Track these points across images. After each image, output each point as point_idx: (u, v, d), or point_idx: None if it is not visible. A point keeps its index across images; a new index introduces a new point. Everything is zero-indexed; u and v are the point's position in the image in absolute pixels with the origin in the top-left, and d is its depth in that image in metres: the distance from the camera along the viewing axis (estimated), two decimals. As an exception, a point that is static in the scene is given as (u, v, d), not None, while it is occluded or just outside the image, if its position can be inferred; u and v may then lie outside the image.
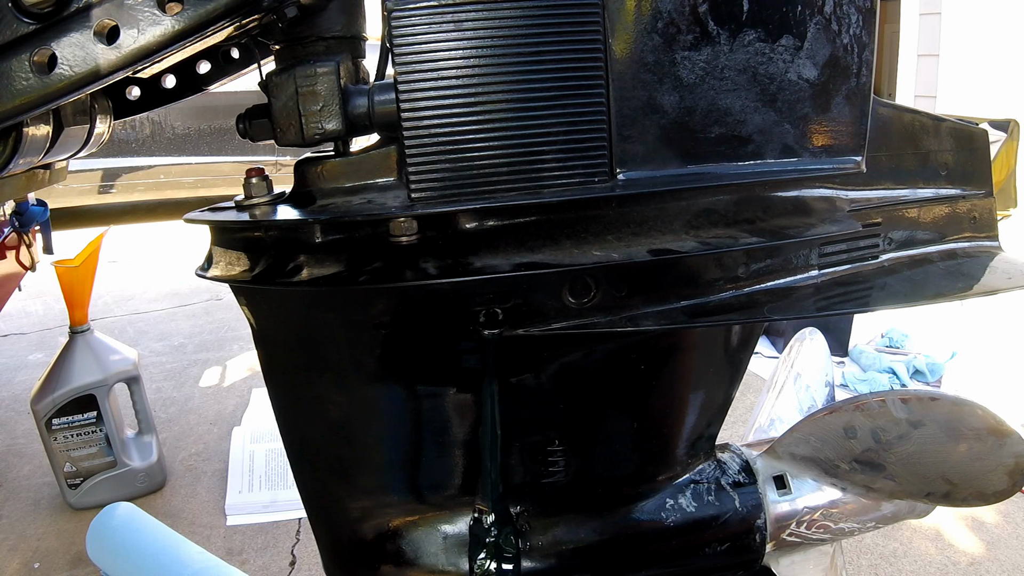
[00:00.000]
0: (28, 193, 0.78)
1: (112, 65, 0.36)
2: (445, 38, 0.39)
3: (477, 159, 0.42)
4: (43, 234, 2.00)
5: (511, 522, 0.63)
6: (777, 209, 0.52)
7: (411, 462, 0.63)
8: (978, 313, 2.80)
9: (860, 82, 0.49)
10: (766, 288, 0.54)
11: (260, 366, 0.61)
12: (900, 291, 0.63)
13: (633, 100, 0.43)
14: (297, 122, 0.44)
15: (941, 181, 0.71)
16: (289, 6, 0.40)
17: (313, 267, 0.48)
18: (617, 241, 0.47)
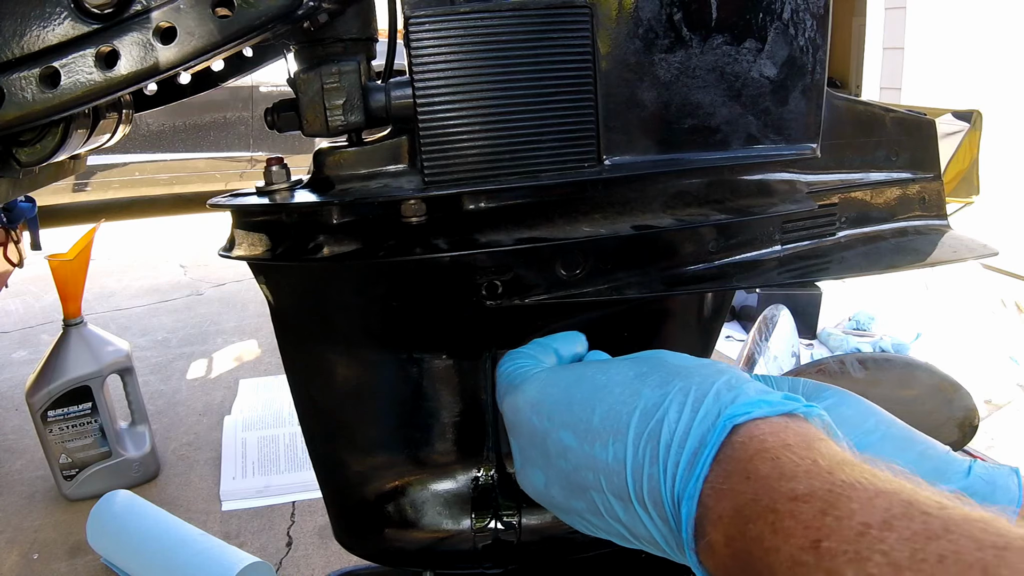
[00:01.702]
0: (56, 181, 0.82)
1: (169, 63, 0.41)
2: (456, 41, 0.45)
3: (483, 147, 0.48)
4: (31, 231, 2.02)
5: (511, 480, 0.68)
6: (743, 191, 0.58)
7: (417, 427, 0.69)
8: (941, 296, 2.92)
9: (815, 78, 0.56)
10: (735, 261, 0.61)
11: (277, 341, 0.67)
12: (856, 263, 0.70)
13: (617, 95, 0.49)
14: (322, 114, 0.50)
15: (892, 166, 0.79)
16: (322, 13, 0.45)
17: (332, 246, 0.54)
18: (604, 219, 0.53)
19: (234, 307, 3.31)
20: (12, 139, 0.59)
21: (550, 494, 0.45)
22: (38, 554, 1.59)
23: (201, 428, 2.14)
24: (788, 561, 0.28)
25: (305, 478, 1.79)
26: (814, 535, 0.28)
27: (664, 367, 0.42)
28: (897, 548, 0.25)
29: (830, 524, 0.28)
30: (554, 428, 0.43)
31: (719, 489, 0.33)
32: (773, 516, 0.30)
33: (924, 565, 0.24)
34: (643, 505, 0.37)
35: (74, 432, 1.71)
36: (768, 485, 0.31)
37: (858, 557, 0.26)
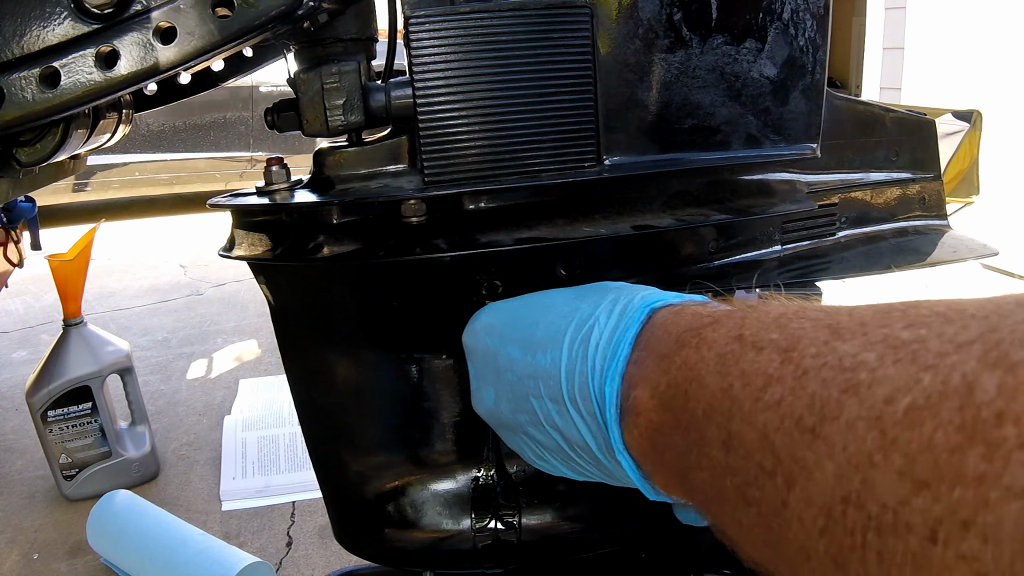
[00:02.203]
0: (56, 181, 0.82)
1: (169, 63, 0.41)
2: (456, 42, 0.45)
3: (483, 147, 0.48)
4: (31, 231, 2.02)
5: (511, 480, 0.69)
6: (743, 191, 0.58)
7: (417, 427, 0.69)
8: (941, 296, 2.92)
9: (815, 78, 0.56)
10: (735, 261, 0.61)
11: (277, 341, 0.67)
12: (856, 263, 0.71)
13: (618, 96, 0.49)
14: (322, 114, 0.50)
15: (892, 166, 0.79)
16: (322, 13, 0.45)
17: (333, 245, 0.54)
18: (604, 219, 0.53)
19: (234, 307, 3.31)
20: (12, 139, 0.59)
21: (499, 409, 0.48)
22: (38, 554, 1.59)
23: (201, 428, 2.14)
24: (715, 360, 0.29)
25: (305, 478, 1.79)
26: (736, 331, 0.29)
27: (600, 287, 0.45)
28: (813, 312, 0.27)
29: (751, 321, 0.29)
30: (503, 344, 0.46)
31: (640, 358, 0.35)
32: (697, 339, 0.31)
33: (839, 313, 0.26)
34: (575, 403, 0.39)
35: (74, 432, 1.72)
36: (688, 327, 0.33)
37: (780, 325, 0.27)
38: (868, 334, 0.23)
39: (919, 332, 0.22)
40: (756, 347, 0.27)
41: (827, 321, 0.26)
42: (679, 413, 0.31)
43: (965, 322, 0.21)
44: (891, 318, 0.24)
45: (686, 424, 0.30)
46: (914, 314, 0.23)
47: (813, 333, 0.25)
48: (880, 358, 0.22)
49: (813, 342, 0.25)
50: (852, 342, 0.23)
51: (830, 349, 0.24)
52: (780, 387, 0.24)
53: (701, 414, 0.29)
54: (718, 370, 0.28)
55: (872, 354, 0.22)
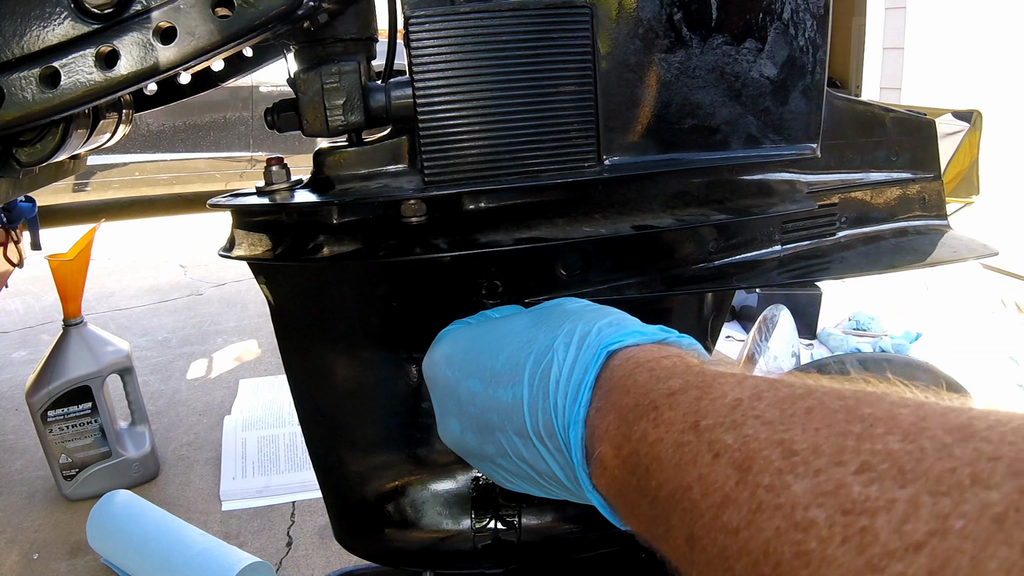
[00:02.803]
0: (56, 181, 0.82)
1: (169, 63, 0.41)
2: (456, 42, 0.45)
3: (483, 147, 0.48)
4: (31, 231, 2.02)
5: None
6: (743, 191, 0.58)
7: (417, 427, 0.69)
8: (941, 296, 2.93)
9: (815, 78, 0.56)
10: (735, 261, 0.61)
11: (277, 340, 0.67)
12: (856, 263, 0.70)
13: (618, 95, 0.49)
14: (322, 114, 0.50)
15: (892, 166, 0.79)
16: (322, 13, 0.45)
17: (333, 245, 0.54)
18: (604, 219, 0.53)
19: (234, 307, 3.31)
20: (12, 139, 0.59)
21: (465, 440, 0.47)
22: (38, 554, 1.59)
23: (201, 428, 2.14)
24: (672, 445, 0.30)
25: (305, 478, 1.79)
26: (693, 418, 0.30)
27: (558, 313, 0.44)
28: (768, 411, 0.27)
29: (706, 406, 0.30)
30: (464, 377, 0.46)
31: (601, 408, 0.35)
32: (654, 413, 0.32)
33: (794, 419, 0.26)
34: (540, 439, 0.39)
35: (74, 432, 1.71)
36: (647, 389, 0.33)
37: (734, 424, 0.28)
38: (820, 476, 0.23)
39: (872, 493, 0.22)
40: (712, 450, 0.28)
41: (779, 436, 0.26)
42: (643, 482, 0.31)
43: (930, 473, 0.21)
44: (845, 449, 0.24)
45: (651, 498, 0.31)
46: (872, 448, 0.23)
47: (767, 452, 0.26)
48: (830, 525, 0.22)
49: (767, 468, 0.25)
50: (804, 482, 0.24)
51: (784, 486, 0.24)
52: (737, 514, 0.25)
53: (664, 497, 0.30)
54: (676, 461, 0.29)
55: (822, 513, 0.22)
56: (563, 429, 0.37)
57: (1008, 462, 0.20)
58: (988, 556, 0.19)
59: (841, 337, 2.52)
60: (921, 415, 0.24)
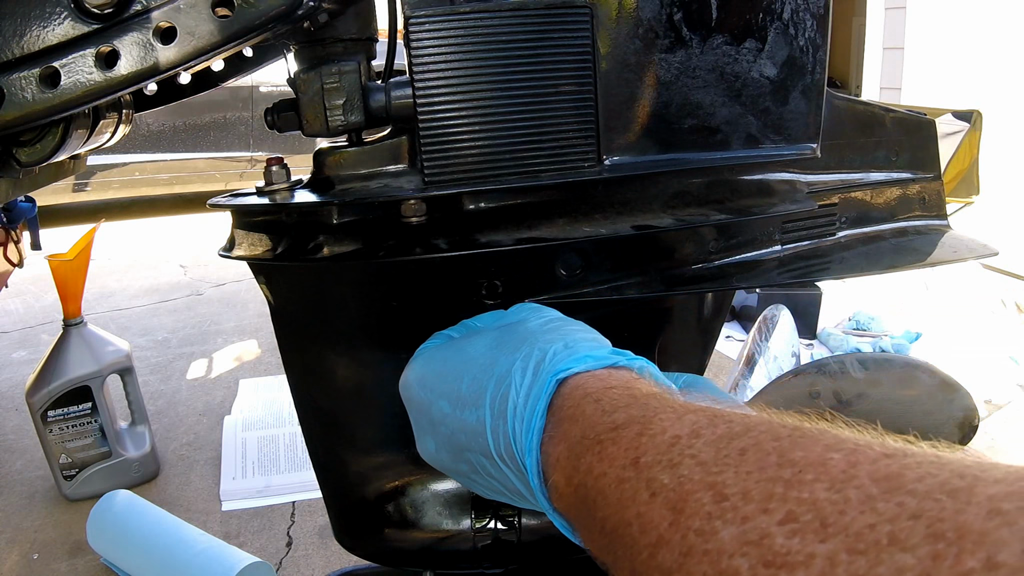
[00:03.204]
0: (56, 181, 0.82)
1: (169, 63, 0.41)
2: (456, 42, 0.45)
3: (483, 147, 0.48)
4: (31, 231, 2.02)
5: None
6: (743, 191, 0.58)
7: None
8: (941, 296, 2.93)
9: (815, 78, 0.56)
10: (735, 261, 0.61)
11: (277, 340, 0.67)
12: (856, 263, 0.70)
13: (618, 95, 0.49)
14: (322, 114, 0.50)
15: (892, 166, 0.79)
16: (322, 13, 0.45)
17: (332, 245, 0.54)
18: (604, 219, 0.53)
19: (234, 307, 3.31)
20: (12, 139, 0.59)
21: (440, 458, 0.49)
22: (38, 554, 1.59)
23: (201, 428, 2.14)
24: (614, 481, 0.31)
25: (305, 478, 1.79)
26: (633, 454, 0.31)
27: (518, 334, 0.46)
28: (704, 450, 0.28)
29: (645, 442, 0.31)
30: (435, 398, 0.48)
31: (553, 436, 0.37)
32: (599, 447, 0.33)
33: (728, 460, 0.27)
34: (503, 461, 0.41)
35: (74, 432, 1.71)
36: (593, 422, 0.34)
37: (671, 463, 0.29)
38: (747, 524, 0.24)
39: (794, 546, 0.22)
40: (649, 488, 0.29)
41: (712, 479, 0.27)
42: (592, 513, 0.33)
43: (851, 528, 0.21)
44: (773, 496, 0.24)
45: (599, 528, 0.32)
46: (798, 497, 0.24)
47: (699, 494, 0.26)
48: (751, 571, 0.23)
49: (698, 511, 0.26)
50: (731, 529, 0.24)
51: (711, 531, 0.25)
52: (670, 555, 0.26)
53: (610, 530, 0.31)
54: (618, 496, 0.30)
55: (745, 563, 0.23)
56: (520, 455, 0.39)
57: (927, 523, 0.20)
58: None
59: (841, 337, 2.52)
60: (852, 461, 0.24)
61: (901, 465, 0.23)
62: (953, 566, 0.19)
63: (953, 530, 0.20)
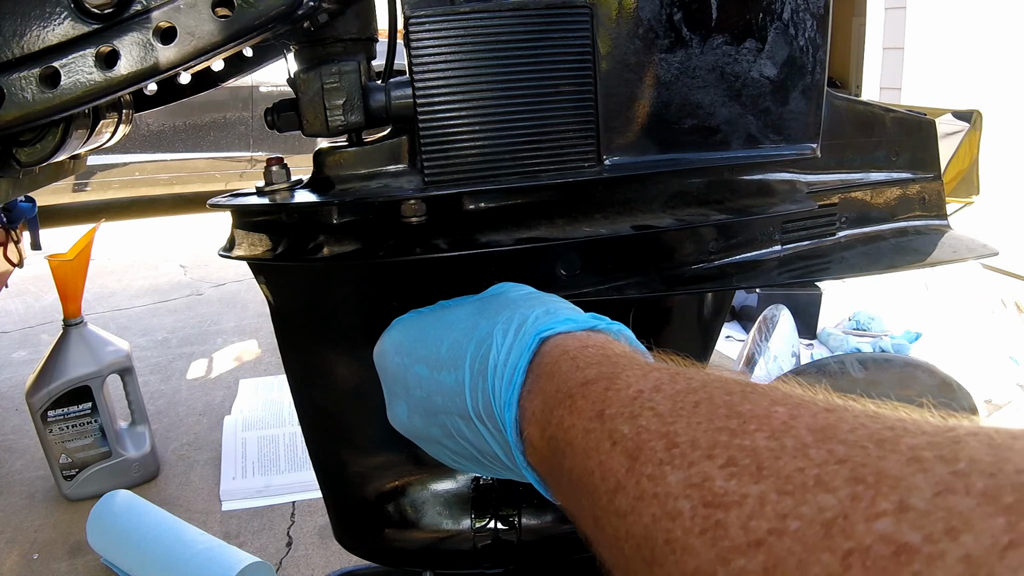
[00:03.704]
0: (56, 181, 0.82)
1: (169, 63, 0.41)
2: (456, 42, 0.45)
3: (483, 147, 0.48)
4: (31, 231, 2.02)
5: (511, 481, 0.69)
6: (743, 191, 0.58)
7: (417, 427, 0.69)
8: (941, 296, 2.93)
9: (815, 78, 0.56)
10: (735, 261, 0.61)
11: (277, 340, 0.67)
12: (856, 263, 0.70)
13: (618, 95, 0.49)
14: (322, 114, 0.50)
15: (892, 166, 0.79)
16: (322, 13, 0.45)
17: (333, 245, 0.54)
18: (604, 219, 0.53)
19: (234, 307, 3.31)
20: (12, 139, 0.59)
21: (413, 424, 0.50)
22: (38, 554, 1.59)
23: (201, 428, 2.14)
24: (581, 432, 0.33)
25: (305, 478, 1.79)
26: (599, 407, 0.32)
27: (499, 302, 0.47)
28: (662, 403, 0.30)
29: (611, 396, 0.33)
30: (412, 363, 0.48)
31: (531, 391, 0.38)
32: (570, 401, 0.34)
33: (682, 411, 0.29)
34: (481, 421, 0.42)
35: (74, 432, 1.71)
36: (567, 378, 0.36)
37: (632, 415, 0.30)
38: (692, 469, 0.26)
39: (731, 487, 0.24)
40: (611, 438, 0.30)
41: (666, 428, 0.28)
42: (560, 464, 0.34)
43: (783, 471, 0.23)
44: (718, 444, 0.26)
45: (567, 479, 0.34)
46: (740, 444, 0.25)
47: (654, 443, 0.28)
48: (693, 516, 0.24)
49: (651, 458, 0.28)
50: (679, 474, 0.26)
51: (661, 475, 0.27)
52: (625, 500, 0.28)
53: (576, 480, 0.32)
54: (584, 446, 0.32)
55: (688, 504, 0.25)
56: (500, 410, 0.40)
57: (851, 467, 0.21)
58: (812, 561, 0.20)
59: (841, 337, 2.52)
60: (794, 414, 0.25)
61: (838, 418, 0.24)
62: (868, 507, 0.20)
63: (873, 474, 0.21)
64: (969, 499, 0.19)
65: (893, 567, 0.18)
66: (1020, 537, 0.17)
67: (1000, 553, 0.17)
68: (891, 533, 0.19)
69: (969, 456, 0.20)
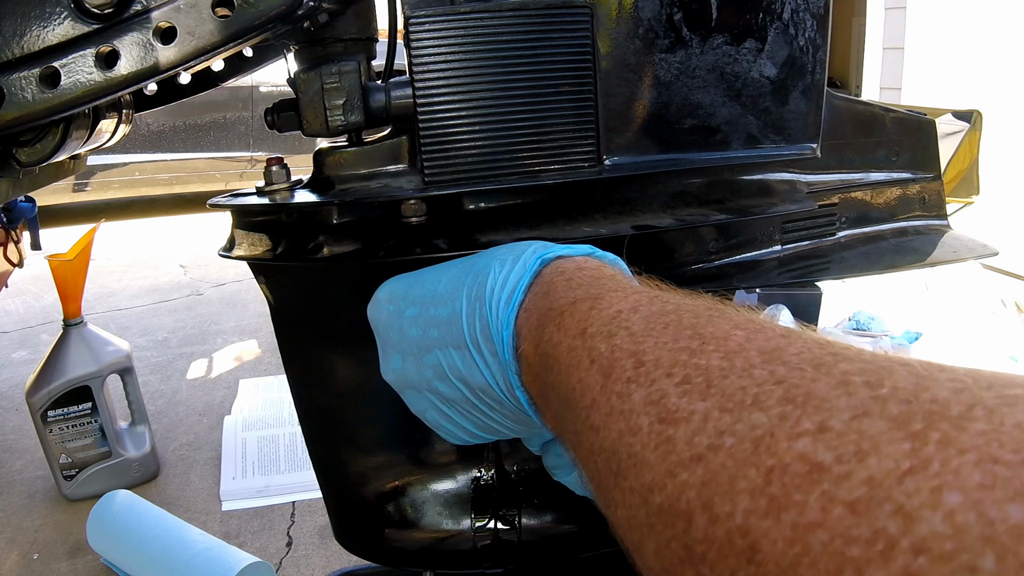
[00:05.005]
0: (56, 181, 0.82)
1: (169, 63, 0.41)
2: (456, 42, 0.45)
3: (483, 147, 0.48)
4: (31, 231, 2.02)
5: (511, 481, 0.69)
6: (743, 191, 0.58)
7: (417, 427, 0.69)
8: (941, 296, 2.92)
9: (815, 78, 0.56)
10: (735, 261, 0.61)
11: (277, 340, 0.67)
12: (856, 263, 0.71)
13: (618, 96, 0.49)
14: (322, 114, 0.50)
15: (892, 166, 0.79)
16: (322, 13, 0.45)
17: (332, 246, 0.54)
18: (604, 219, 0.53)
19: (234, 307, 3.31)
20: (12, 139, 0.59)
21: (406, 371, 0.50)
22: (38, 554, 1.59)
23: (201, 428, 2.14)
24: (566, 349, 0.34)
25: (305, 478, 1.79)
26: (582, 325, 0.34)
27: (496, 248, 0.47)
28: (637, 323, 0.31)
29: (594, 315, 0.34)
30: (405, 307, 0.49)
31: (528, 308, 0.39)
32: (559, 318, 0.36)
33: (652, 331, 0.30)
34: (476, 346, 0.42)
35: (74, 432, 1.71)
36: (560, 295, 0.37)
37: (608, 334, 0.32)
38: (653, 387, 0.27)
39: (682, 404, 0.25)
40: (590, 356, 0.32)
41: (636, 347, 0.30)
42: (550, 379, 0.35)
43: (727, 389, 0.24)
44: (677, 363, 0.27)
45: (555, 393, 0.35)
46: (696, 363, 0.26)
47: (624, 361, 0.29)
48: (649, 432, 0.26)
49: (620, 376, 0.29)
50: (641, 392, 0.27)
51: (627, 393, 0.28)
52: (598, 415, 0.29)
53: (561, 396, 0.34)
54: (567, 363, 0.33)
55: (646, 420, 0.26)
56: (497, 331, 0.40)
57: (786, 388, 0.23)
58: (740, 476, 0.21)
59: (841, 337, 2.52)
60: (750, 337, 0.27)
61: (788, 342, 0.25)
62: (792, 427, 0.21)
63: (803, 395, 0.22)
64: (881, 423, 0.19)
65: (806, 484, 0.19)
66: (920, 463, 0.18)
67: (900, 477, 0.18)
68: (808, 452, 0.20)
69: (893, 384, 0.21)
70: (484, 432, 0.48)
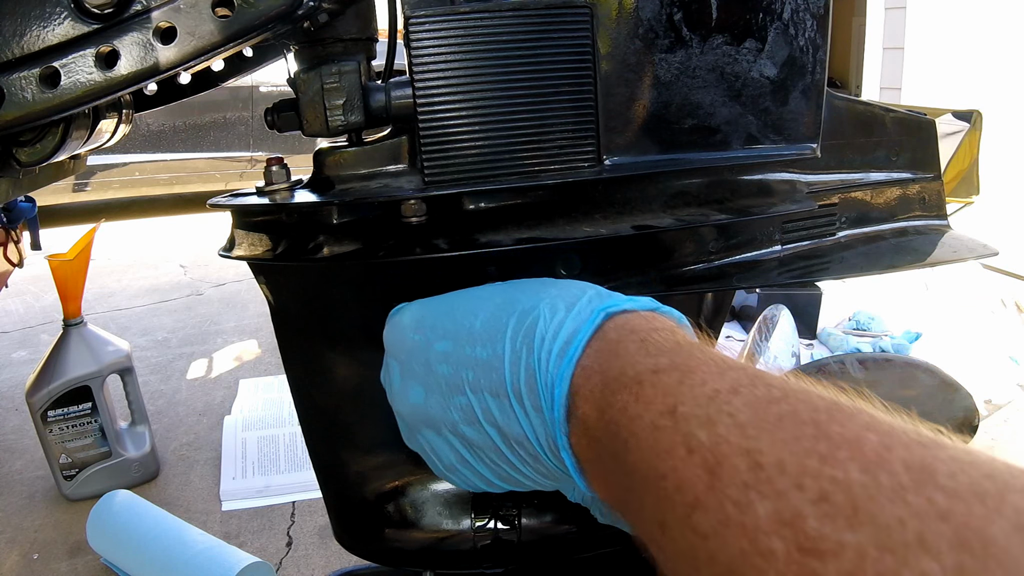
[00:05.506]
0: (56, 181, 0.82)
1: (169, 63, 0.41)
2: (456, 42, 0.45)
3: (483, 147, 0.48)
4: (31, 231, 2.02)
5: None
6: (743, 191, 0.58)
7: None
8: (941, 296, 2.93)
9: (815, 78, 0.56)
10: (735, 261, 0.61)
11: (277, 340, 0.67)
12: (856, 263, 0.70)
13: (618, 96, 0.49)
14: (322, 114, 0.50)
15: (892, 166, 0.79)
16: (322, 13, 0.45)
17: (332, 246, 0.54)
18: (604, 219, 0.53)
19: (234, 307, 3.31)
20: (12, 139, 0.59)
21: (428, 407, 0.46)
22: (38, 554, 1.60)
23: (201, 428, 2.14)
24: (649, 426, 0.30)
25: (305, 478, 1.79)
26: (672, 401, 0.30)
27: (537, 283, 0.45)
28: (742, 411, 0.28)
29: (685, 392, 0.30)
30: (436, 338, 0.45)
31: (590, 368, 0.36)
32: (637, 387, 0.32)
33: (765, 424, 0.26)
34: (519, 397, 0.38)
35: (74, 432, 1.72)
36: (635, 360, 0.34)
37: (708, 420, 0.28)
38: (781, 501, 0.24)
39: (826, 531, 0.22)
40: (686, 444, 0.28)
41: (749, 444, 0.26)
42: (620, 454, 0.32)
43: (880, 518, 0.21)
44: (807, 471, 0.24)
45: (627, 471, 0.31)
46: (832, 475, 0.23)
47: (735, 460, 0.26)
48: (788, 561, 0.23)
49: (734, 479, 0.26)
50: (767, 504, 0.24)
51: (747, 502, 0.25)
52: (706, 521, 0.26)
53: (640, 477, 0.30)
54: (652, 444, 0.30)
55: (782, 546, 0.23)
56: (547, 385, 0.37)
57: (954, 528, 0.20)
58: None
59: (841, 337, 2.52)
60: (887, 444, 0.24)
61: (933, 456, 0.23)
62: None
63: (980, 542, 0.20)
64: None
65: None
66: None
67: None
68: None
69: None
70: (503, 483, 0.45)
